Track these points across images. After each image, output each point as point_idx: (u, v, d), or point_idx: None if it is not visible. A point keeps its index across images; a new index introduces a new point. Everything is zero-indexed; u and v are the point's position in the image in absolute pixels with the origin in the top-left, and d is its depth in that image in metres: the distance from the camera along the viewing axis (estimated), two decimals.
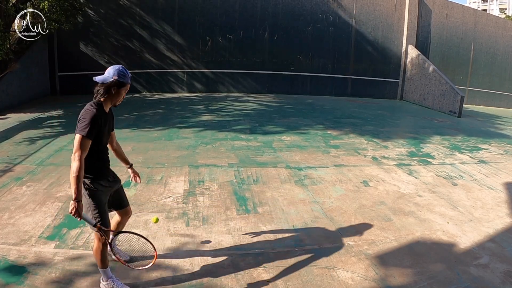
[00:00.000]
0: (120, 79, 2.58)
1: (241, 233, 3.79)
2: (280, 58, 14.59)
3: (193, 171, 5.47)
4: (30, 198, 4.40)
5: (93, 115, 2.49)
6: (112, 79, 2.56)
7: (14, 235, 3.55)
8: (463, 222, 4.32)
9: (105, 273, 2.77)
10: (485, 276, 3.25)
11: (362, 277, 3.14)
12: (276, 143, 7.22)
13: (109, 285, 2.76)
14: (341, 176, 5.57)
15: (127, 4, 13.12)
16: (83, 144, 2.45)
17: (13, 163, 5.62)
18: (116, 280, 2.79)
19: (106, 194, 2.75)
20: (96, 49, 13.03)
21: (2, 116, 8.99)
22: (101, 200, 2.69)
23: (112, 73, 2.56)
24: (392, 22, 15.49)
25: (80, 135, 2.44)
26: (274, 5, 14.32)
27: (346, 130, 8.69)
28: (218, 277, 3.06)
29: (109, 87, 2.57)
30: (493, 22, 17.95)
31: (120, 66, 2.63)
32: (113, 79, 2.56)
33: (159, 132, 7.75)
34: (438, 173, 5.99)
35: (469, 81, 17.56)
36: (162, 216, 4.08)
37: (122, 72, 2.59)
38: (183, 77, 13.90)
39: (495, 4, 60.35)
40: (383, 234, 3.91)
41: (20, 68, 10.66)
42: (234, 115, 9.91)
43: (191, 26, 13.69)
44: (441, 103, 13.27)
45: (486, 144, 8.33)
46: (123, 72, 2.59)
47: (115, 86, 2.58)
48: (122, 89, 2.63)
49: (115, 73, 2.57)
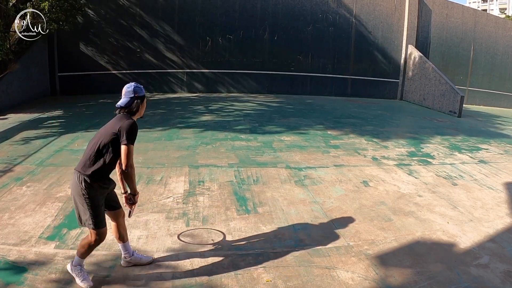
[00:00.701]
0: (140, 93, 2.89)
1: (241, 233, 3.79)
2: (280, 58, 14.59)
3: (193, 171, 5.47)
4: (30, 198, 4.40)
5: (136, 126, 2.82)
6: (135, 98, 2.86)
7: (14, 235, 3.55)
8: (463, 222, 4.32)
9: (79, 261, 2.89)
10: (485, 276, 3.25)
11: (362, 277, 3.14)
12: (276, 143, 7.22)
13: (76, 270, 2.87)
14: (341, 176, 5.57)
15: (127, 4, 13.12)
16: (132, 152, 2.78)
17: (13, 163, 5.62)
18: (84, 270, 2.91)
19: (103, 195, 2.87)
20: (96, 49, 13.03)
21: (2, 116, 8.99)
22: (99, 201, 2.82)
23: (133, 93, 2.86)
24: (392, 22, 15.49)
25: (129, 146, 2.74)
26: (274, 5, 14.32)
27: (346, 130, 8.69)
28: (218, 277, 3.06)
29: (138, 105, 2.88)
30: (493, 22, 17.95)
31: (133, 83, 2.93)
32: (136, 95, 2.87)
33: (159, 132, 7.75)
34: (438, 173, 5.99)
35: (469, 81, 17.56)
36: (162, 216, 4.08)
37: (138, 87, 2.91)
38: (183, 77, 13.90)
39: (495, 4, 60.36)
40: (383, 234, 3.91)
41: (20, 68, 10.67)
42: (234, 115, 9.91)
43: (191, 26, 13.69)
44: (441, 103, 13.27)
45: (486, 144, 8.33)
46: (138, 87, 2.92)
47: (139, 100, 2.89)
48: (144, 101, 2.97)
49: (135, 91, 2.87)
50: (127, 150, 2.73)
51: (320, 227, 4.01)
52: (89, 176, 2.73)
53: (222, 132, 7.93)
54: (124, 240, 3.09)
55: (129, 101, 2.84)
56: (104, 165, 2.78)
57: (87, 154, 2.80)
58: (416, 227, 4.11)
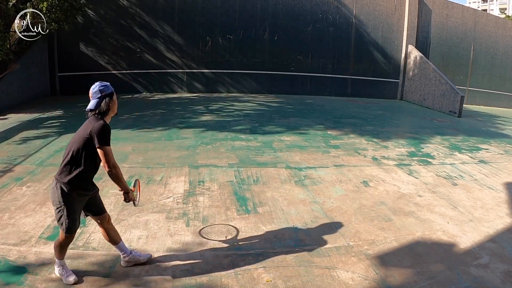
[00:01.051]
0: (107, 91, 2.84)
1: (241, 233, 3.79)
2: (280, 58, 14.59)
3: (193, 171, 5.47)
4: (30, 198, 4.40)
5: (108, 127, 2.78)
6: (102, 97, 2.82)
7: (14, 236, 3.55)
8: (463, 222, 4.32)
9: (60, 263, 2.95)
10: (485, 276, 3.25)
11: (362, 277, 3.14)
12: (276, 143, 7.22)
13: (59, 271, 2.94)
14: (341, 176, 5.57)
15: (127, 4, 13.12)
16: (110, 153, 2.76)
17: (13, 163, 5.62)
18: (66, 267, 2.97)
19: (82, 202, 2.86)
20: (96, 49, 13.03)
21: (2, 117, 8.99)
22: (75, 208, 2.81)
23: (100, 93, 2.82)
24: (392, 22, 15.49)
25: (105, 148, 2.71)
26: (274, 5, 14.32)
27: (346, 130, 8.69)
28: (218, 277, 3.06)
29: (107, 103, 2.83)
30: (493, 22, 17.95)
31: (97, 83, 2.87)
32: (103, 95, 2.82)
33: (159, 132, 7.75)
34: (438, 173, 5.99)
35: (469, 81, 17.55)
36: (162, 216, 4.08)
37: (103, 85, 2.86)
38: (183, 77, 13.90)
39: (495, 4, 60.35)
40: (383, 234, 3.91)
41: (20, 68, 10.66)
42: (234, 115, 9.91)
43: (191, 26, 13.69)
44: (441, 103, 13.27)
45: (486, 144, 8.33)
46: (103, 85, 2.86)
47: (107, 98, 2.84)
48: (114, 97, 2.90)
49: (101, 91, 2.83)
50: (103, 153, 2.71)
51: (320, 227, 4.01)
52: (66, 184, 2.72)
53: (222, 132, 7.93)
54: (117, 242, 3.09)
55: (97, 102, 2.80)
56: (83, 171, 2.76)
57: (63, 161, 2.80)
58: (416, 227, 4.11)
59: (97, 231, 3.67)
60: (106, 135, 2.72)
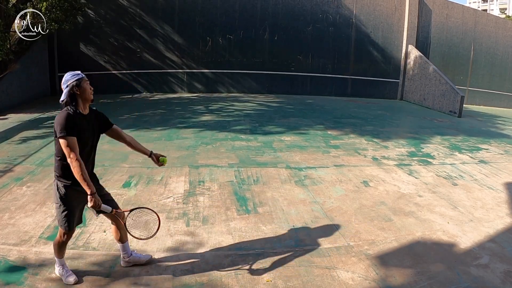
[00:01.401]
0: (74, 79, 2.70)
1: (241, 233, 3.79)
2: (280, 58, 14.59)
3: (193, 171, 5.47)
4: (30, 198, 4.40)
5: (67, 115, 2.62)
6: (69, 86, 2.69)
7: (14, 236, 3.55)
8: (463, 222, 4.32)
9: (60, 262, 2.95)
10: (485, 276, 3.25)
11: (363, 277, 3.14)
12: (276, 143, 7.22)
13: (60, 270, 2.94)
14: (341, 176, 5.57)
15: (127, 4, 13.12)
16: (70, 143, 2.57)
17: (13, 163, 5.62)
18: (66, 267, 2.96)
19: (80, 199, 2.79)
20: (96, 49, 13.03)
21: (2, 116, 8.99)
22: (73, 206, 2.79)
23: (66, 82, 2.71)
24: (392, 22, 15.49)
25: (62, 138, 2.57)
26: (274, 5, 14.32)
27: (346, 130, 8.69)
28: (218, 277, 3.06)
29: (73, 93, 2.70)
30: (493, 22, 17.95)
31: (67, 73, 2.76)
32: (69, 84, 2.69)
33: (159, 132, 7.75)
34: (438, 173, 5.99)
35: (469, 81, 17.56)
36: (163, 216, 4.07)
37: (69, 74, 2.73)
38: (183, 77, 13.90)
39: (495, 4, 60.36)
40: (384, 234, 3.91)
41: (20, 68, 10.67)
42: (234, 115, 9.91)
43: (191, 26, 13.69)
44: (441, 103, 13.27)
45: (486, 144, 8.33)
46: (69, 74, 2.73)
47: (75, 87, 2.70)
48: (82, 84, 2.73)
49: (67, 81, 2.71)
50: (63, 143, 2.57)
51: (320, 227, 4.01)
52: (60, 179, 2.73)
53: (222, 132, 7.93)
54: (123, 241, 3.09)
55: (65, 92, 2.71)
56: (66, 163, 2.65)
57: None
58: (416, 227, 4.11)
59: (97, 231, 3.67)
60: (65, 124, 2.56)
